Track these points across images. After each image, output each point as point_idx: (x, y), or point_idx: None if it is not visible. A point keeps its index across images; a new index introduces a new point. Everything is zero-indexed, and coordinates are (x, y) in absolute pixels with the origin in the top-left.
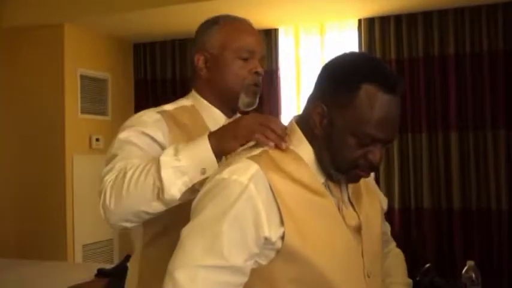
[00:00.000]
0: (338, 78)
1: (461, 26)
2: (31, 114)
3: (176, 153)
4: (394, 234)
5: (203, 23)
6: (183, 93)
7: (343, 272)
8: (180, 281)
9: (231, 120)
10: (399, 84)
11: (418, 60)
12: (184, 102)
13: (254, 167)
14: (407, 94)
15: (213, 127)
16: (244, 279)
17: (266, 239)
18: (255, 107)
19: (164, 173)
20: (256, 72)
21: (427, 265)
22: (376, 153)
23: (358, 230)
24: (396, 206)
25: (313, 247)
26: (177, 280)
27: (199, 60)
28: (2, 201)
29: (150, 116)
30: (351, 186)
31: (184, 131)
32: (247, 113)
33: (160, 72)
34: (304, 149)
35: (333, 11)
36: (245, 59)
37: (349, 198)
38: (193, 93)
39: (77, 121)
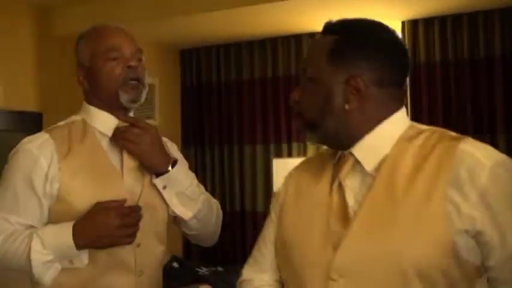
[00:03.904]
0: None
1: (508, 26)
2: None
3: (44, 246)
4: None
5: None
6: (227, 97)
7: None
8: None
9: (123, 122)
10: None
11: (463, 62)
12: (74, 117)
13: None
14: (452, 97)
15: (106, 130)
16: None
17: None
18: (141, 102)
19: (35, 270)
20: (129, 66)
21: None
22: None
23: None
24: None
25: None
26: None
27: (79, 76)
28: None
29: (37, 139)
30: None
31: (73, 146)
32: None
33: (205, 77)
34: None
35: (376, 14)
36: (115, 59)
37: None
38: (84, 105)
39: None
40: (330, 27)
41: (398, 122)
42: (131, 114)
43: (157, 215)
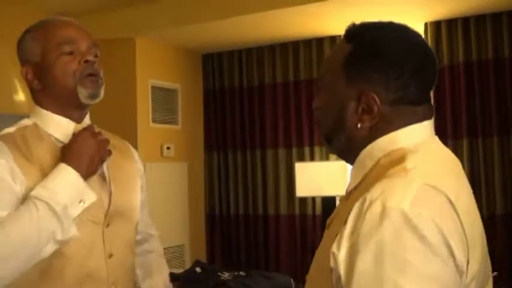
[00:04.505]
0: None
1: None
2: (105, 124)
3: (55, 199)
4: None
5: (20, 36)
6: (249, 101)
7: None
8: None
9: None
10: None
11: (487, 63)
12: (25, 121)
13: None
14: (476, 98)
15: (63, 136)
16: None
17: None
18: (100, 98)
19: (64, 223)
20: (86, 61)
21: (494, 273)
22: None
23: None
24: None
25: None
26: None
27: (28, 74)
28: None
29: None
30: None
31: (29, 156)
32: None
33: (228, 81)
34: None
35: (398, 16)
36: (70, 53)
37: None
38: (35, 108)
39: (148, 130)
40: (347, 33)
41: (389, 142)
42: (87, 116)
43: (130, 224)
